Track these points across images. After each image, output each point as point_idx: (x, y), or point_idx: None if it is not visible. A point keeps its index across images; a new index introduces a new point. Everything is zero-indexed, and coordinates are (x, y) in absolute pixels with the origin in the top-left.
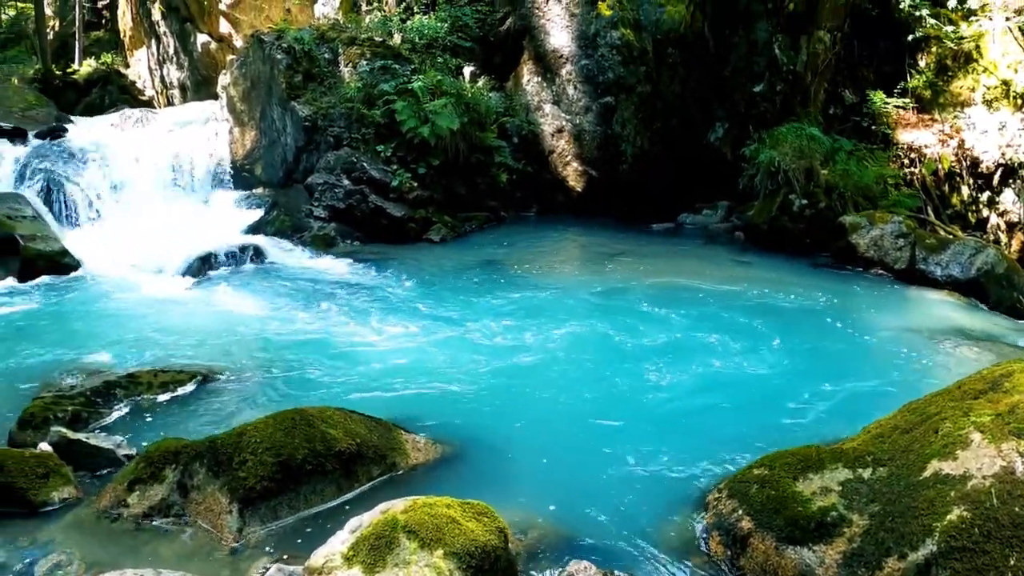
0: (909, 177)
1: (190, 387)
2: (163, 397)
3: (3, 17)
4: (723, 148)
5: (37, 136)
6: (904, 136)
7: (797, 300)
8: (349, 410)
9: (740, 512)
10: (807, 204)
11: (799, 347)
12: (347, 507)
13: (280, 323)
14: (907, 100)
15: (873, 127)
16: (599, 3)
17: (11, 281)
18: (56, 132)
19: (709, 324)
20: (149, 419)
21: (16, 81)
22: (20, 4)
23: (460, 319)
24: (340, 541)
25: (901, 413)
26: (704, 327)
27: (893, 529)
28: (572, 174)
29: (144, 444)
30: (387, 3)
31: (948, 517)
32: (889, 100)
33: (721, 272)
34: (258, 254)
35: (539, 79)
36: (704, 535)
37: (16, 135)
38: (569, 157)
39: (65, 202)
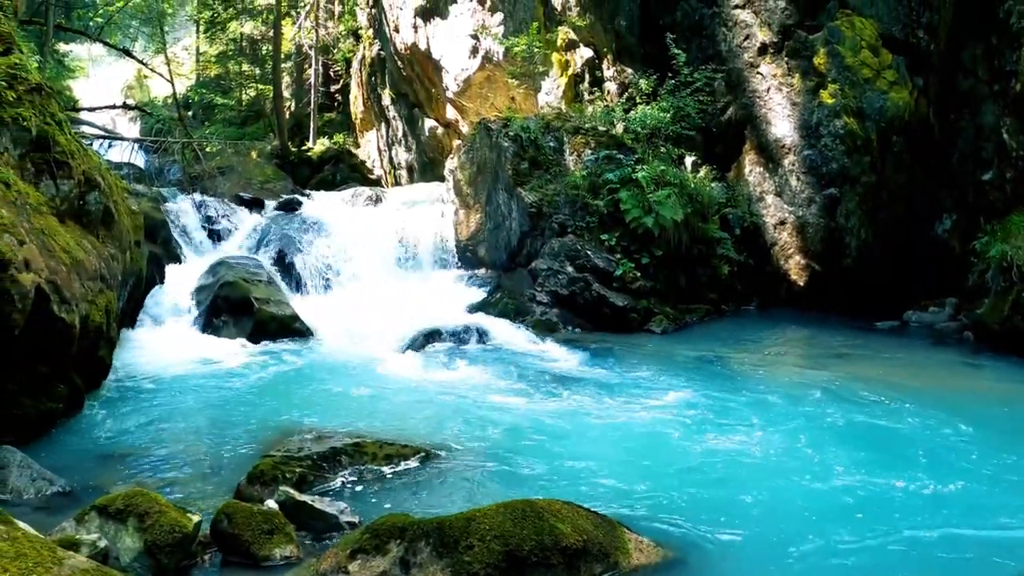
0: None
1: (413, 463)
2: (386, 469)
3: (244, 97)
4: (951, 241)
5: (275, 207)
6: None
7: None
8: (576, 504)
9: None
10: None
11: None
12: None
13: (502, 405)
14: None
15: None
16: (821, 91)
17: (243, 341)
18: (291, 204)
19: (936, 433)
20: (372, 490)
21: (255, 155)
22: (260, 86)
23: (682, 415)
24: None
25: None
26: (931, 436)
27: None
28: (794, 267)
29: (366, 513)
30: (608, 93)
31: None
32: None
33: (949, 377)
34: (481, 334)
35: (761, 169)
36: None
37: (255, 205)
38: (791, 250)
39: (297, 270)
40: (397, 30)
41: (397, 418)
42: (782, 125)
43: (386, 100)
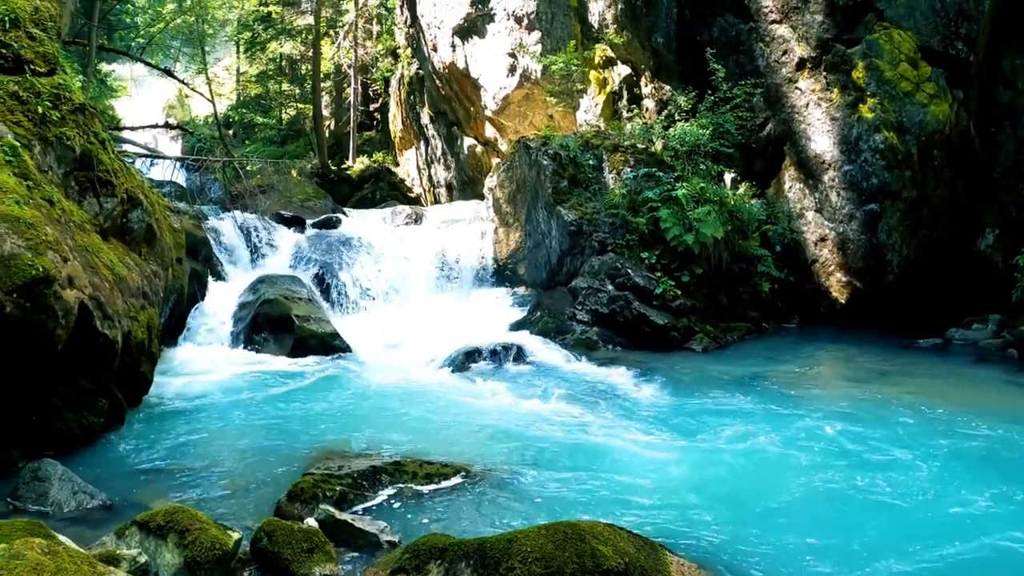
0: None
1: (453, 481)
2: (426, 488)
3: (284, 116)
4: (993, 256)
5: (314, 225)
6: None
7: None
8: (618, 527)
9: None
10: None
11: None
12: None
13: (541, 425)
14: None
15: None
16: (860, 106)
17: (284, 357)
18: (331, 222)
19: (990, 454)
20: (412, 509)
21: (295, 174)
22: (299, 105)
23: (724, 435)
24: None
25: None
26: (983, 456)
27: None
28: (835, 284)
29: (406, 532)
30: (647, 110)
31: None
32: None
33: (995, 396)
34: (521, 353)
35: (801, 185)
36: None
37: (295, 223)
38: (832, 267)
39: (337, 288)
40: (435, 49)
41: (437, 436)
42: (821, 140)
43: (425, 119)
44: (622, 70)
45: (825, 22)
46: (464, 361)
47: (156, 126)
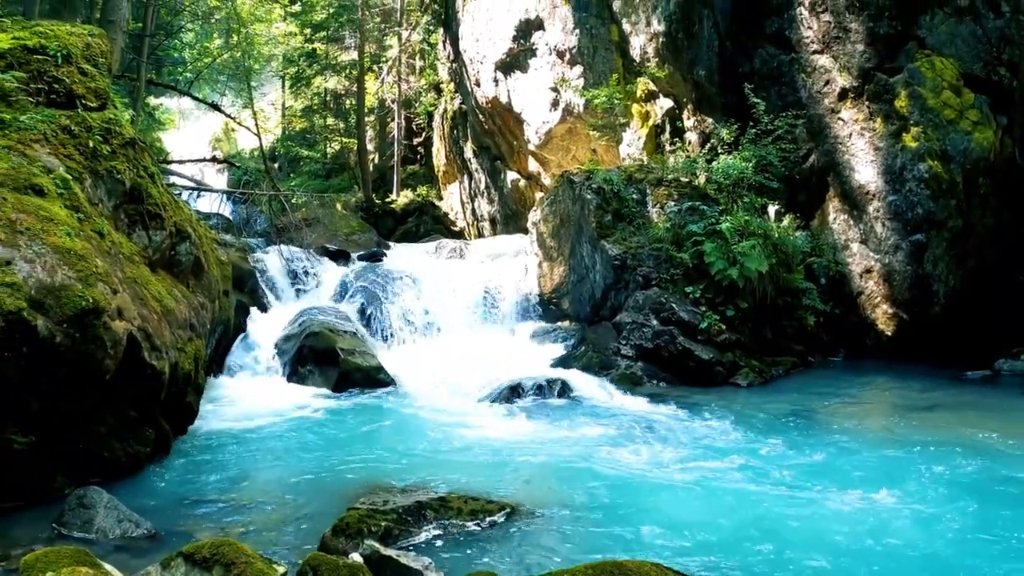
0: None
1: (498, 518)
2: (471, 525)
3: (329, 150)
4: None
5: (359, 258)
6: None
7: None
8: (665, 566)
9: None
10: None
11: None
12: None
13: (586, 461)
14: None
15: None
16: (903, 135)
17: (328, 390)
18: (376, 256)
19: None
20: (456, 545)
21: (340, 207)
22: (344, 139)
23: (772, 473)
24: None
25: None
26: None
27: None
28: (881, 317)
29: (451, 570)
30: (689, 143)
31: None
32: None
33: None
34: (565, 388)
35: (845, 217)
36: None
37: (340, 256)
38: (878, 299)
39: (381, 321)
40: (478, 84)
41: (481, 472)
42: (865, 171)
43: (468, 153)
44: (664, 103)
45: (866, 51)
46: (508, 395)
47: (203, 160)
